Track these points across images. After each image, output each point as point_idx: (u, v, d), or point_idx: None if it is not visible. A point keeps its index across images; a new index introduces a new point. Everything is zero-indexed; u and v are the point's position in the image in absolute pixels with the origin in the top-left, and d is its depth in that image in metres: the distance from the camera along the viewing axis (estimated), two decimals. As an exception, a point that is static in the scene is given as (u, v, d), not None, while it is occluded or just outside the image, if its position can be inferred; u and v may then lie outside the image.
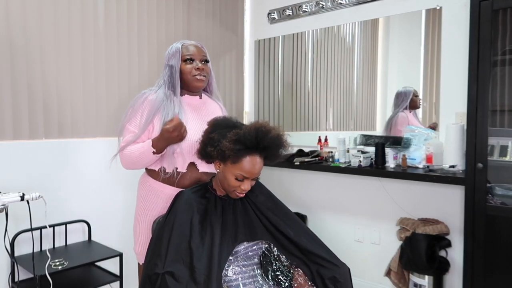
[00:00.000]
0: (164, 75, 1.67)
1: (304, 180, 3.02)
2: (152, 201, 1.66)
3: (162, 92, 1.64)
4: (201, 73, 1.65)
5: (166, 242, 1.36)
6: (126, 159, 1.61)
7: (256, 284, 1.41)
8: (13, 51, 2.05)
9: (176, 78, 1.63)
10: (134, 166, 1.64)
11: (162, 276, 1.28)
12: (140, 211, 1.69)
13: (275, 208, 1.53)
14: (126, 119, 1.65)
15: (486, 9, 1.88)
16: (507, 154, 2.01)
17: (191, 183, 1.63)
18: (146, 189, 1.68)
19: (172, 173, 1.61)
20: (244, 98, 3.44)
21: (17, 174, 2.09)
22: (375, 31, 2.72)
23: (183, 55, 1.65)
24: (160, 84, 1.68)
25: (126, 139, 1.62)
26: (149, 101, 1.62)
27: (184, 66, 1.64)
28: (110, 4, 2.44)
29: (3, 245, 1.89)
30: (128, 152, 1.60)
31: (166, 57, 1.69)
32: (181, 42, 1.69)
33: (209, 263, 1.31)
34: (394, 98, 2.59)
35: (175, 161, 1.61)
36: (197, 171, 1.64)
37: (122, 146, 1.62)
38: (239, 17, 3.33)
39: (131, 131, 1.62)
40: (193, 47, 1.68)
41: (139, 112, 1.62)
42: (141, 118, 1.61)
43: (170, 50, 1.68)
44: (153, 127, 1.61)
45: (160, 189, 1.64)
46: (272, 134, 1.39)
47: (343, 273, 1.42)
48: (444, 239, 2.29)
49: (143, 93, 1.67)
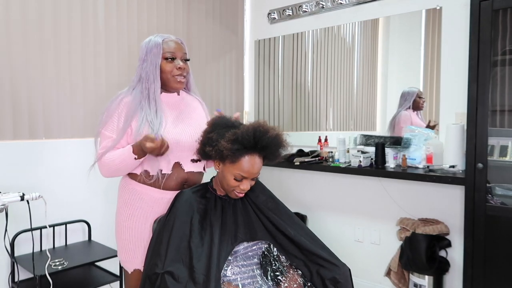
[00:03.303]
0: (141, 71, 1.53)
1: (304, 180, 3.02)
2: (137, 206, 1.54)
3: (139, 91, 1.52)
4: (182, 73, 1.54)
5: (166, 242, 1.36)
6: (106, 167, 1.50)
7: (255, 284, 1.41)
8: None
9: (156, 76, 1.51)
10: (116, 173, 1.53)
11: (162, 276, 1.28)
12: (124, 217, 1.56)
13: (275, 208, 1.53)
14: (101, 124, 1.53)
15: (486, 9, 1.88)
16: (507, 154, 2.01)
17: (177, 185, 1.55)
18: (129, 193, 1.56)
19: (157, 176, 1.51)
20: (244, 98, 3.44)
21: (17, 174, 2.09)
22: (375, 31, 2.72)
23: (164, 52, 1.52)
24: (135, 83, 1.55)
25: (104, 146, 1.51)
26: (125, 104, 1.52)
27: (165, 64, 1.52)
28: (110, 3, 2.44)
29: (3, 245, 1.89)
30: (108, 159, 1.49)
31: (142, 52, 1.54)
32: (161, 36, 1.55)
33: (208, 263, 1.31)
34: (400, 98, 2.59)
35: (158, 163, 1.51)
36: (183, 171, 1.56)
37: (100, 153, 1.51)
38: (239, 17, 3.33)
39: (108, 137, 1.51)
40: (173, 43, 1.55)
41: (115, 116, 1.51)
42: (119, 122, 1.50)
43: (148, 44, 1.53)
44: (132, 131, 1.50)
45: (144, 192, 1.54)
46: (271, 133, 1.39)
47: (344, 273, 1.41)
48: (444, 239, 2.29)
49: (118, 94, 1.56)
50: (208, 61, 3.11)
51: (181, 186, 1.57)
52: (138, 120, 1.49)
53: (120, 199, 1.59)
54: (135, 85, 1.55)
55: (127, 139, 1.51)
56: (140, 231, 1.55)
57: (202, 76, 3.07)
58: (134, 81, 1.56)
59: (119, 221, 1.59)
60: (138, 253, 1.55)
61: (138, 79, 1.54)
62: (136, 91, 1.53)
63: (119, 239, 1.60)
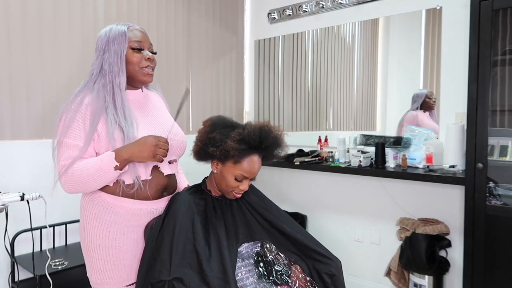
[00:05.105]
0: (103, 63, 1.33)
1: (304, 180, 3.02)
2: (111, 221, 1.34)
3: (101, 86, 1.32)
4: (150, 65, 1.38)
5: (168, 246, 1.29)
6: (74, 179, 1.27)
7: (258, 284, 1.40)
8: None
9: (122, 67, 1.32)
10: (85, 187, 1.30)
11: (170, 283, 1.21)
12: (95, 235, 1.34)
13: (268, 207, 1.53)
14: (61, 131, 1.30)
15: (486, 9, 1.88)
16: (507, 154, 2.01)
17: (157, 192, 1.41)
18: (99, 207, 1.34)
19: (138, 184, 1.33)
20: (244, 98, 3.44)
21: (17, 174, 2.09)
22: (375, 31, 2.72)
23: (130, 41, 1.34)
24: (94, 76, 1.34)
25: (69, 156, 1.27)
26: (87, 104, 1.30)
27: (132, 54, 1.34)
28: (110, 4, 2.44)
29: (3, 245, 1.89)
30: (78, 170, 1.26)
31: (102, 41, 1.35)
32: (124, 24, 1.37)
33: (221, 266, 1.28)
34: (411, 100, 2.57)
35: (136, 170, 1.33)
36: (162, 175, 1.40)
37: (63, 165, 1.27)
38: (239, 17, 3.33)
39: (72, 145, 1.28)
40: (139, 32, 1.38)
41: (77, 120, 1.29)
42: (84, 126, 1.29)
43: (110, 32, 1.34)
44: (98, 136, 1.30)
45: (118, 204, 1.34)
46: (274, 133, 1.39)
47: (337, 266, 1.44)
48: (444, 239, 2.29)
49: (76, 94, 1.34)
50: (208, 61, 3.11)
51: (160, 194, 1.42)
52: (107, 122, 1.30)
53: (87, 214, 1.37)
54: (95, 78, 1.34)
55: (94, 146, 1.31)
56: (118, 248, 1.36)
57: (202, 76, 3.07)
58: (93, 74, 1.35)
59: (89, 239, 1.36)
60: (116, 272, 1.37)
61: (99, 71, 1.34)
62: (98, 85, 1.33)
63: (90, 259, 1.38)
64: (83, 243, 1.40)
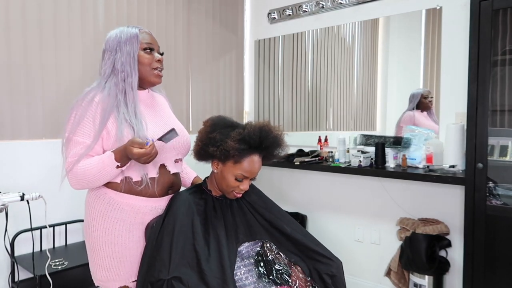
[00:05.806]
0: (115, 62, 1.35)
1: (304, 180, 3.02)
2: (116, 218, 1.36)
3: (113, 84, 1.35)
4: (160, 67, 1.42)
5: (168, 246, 1.31)
6: (79, 177, 1.30)
7: (258, 283, 1.40)
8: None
9: (134, 67, 1.35)
10: (89, 184, 1.33)
11: (168, 282, 1.22)
12: (101, 232, 1.36)
13: (268, 207, 1.53)
14: (70, 128, 1.32)
15: (486, 9, 1.88)
16: (507, 154, 2.01)
17: (163, 189, 1.44)
18: (105, 204, 1.36)
19: (146, 181, 1.36)
20: (244, 98, 3.44)
21: (17, 174, 2.09)
22: (375, 31, 2.72)
23: (142, 42, 1.38)
24: (106, 75, 1.37)
25: (76, 153, 1.30)
26: (98, 102, 1.32)
27: (143, 56, 1.38)
28: (110, 4, 2.44)
29: (3, 245, 1.89)
30: (82, 169, 1.29)
31: (113, 42, 1.37)
32: (135, 27, 1.41)
33: (220, 265, 1.28)
34: (408, 99, 2.58)
35: (144, 167, 1.35)
36: (169, 173, 1.44)
37: (70, 162, 1.30)
38: (239, 17, 3.34)
39: (79, 143, 1.31)
40: (149, 35, 1.42)
41: (88, 118, 1.31)
42: (94, 125, 1.31)
43: (121, 34, 1.37)
44: (108, 133, 1.33)
45: (124, 201, 1.36)
46: (274, 133, 1.40)
47: (338, 267, 1.44)
48: (444, 239, 2.29)
49: (87, 92, 1.36)
50: (208, 61, 3.11)
51: (166, 191, 1.45)
52: (117, 121, 1.32)
53: (92, 211, 1.38)
54: (107, 78, 1.37)
55: (102, 144, 1.34)
56: (123, 245, 1.38)
57: (202, 76, 3.07)
58: (106, 73, 1.37)
59: (94, 236, 1.38)
60: (123, 268, 1.39)
61: (111, 70, 1.36)
62: (110, 84, 1.35)
63: (95, 256, 1.40)
64: (88, 241, 1.42)
